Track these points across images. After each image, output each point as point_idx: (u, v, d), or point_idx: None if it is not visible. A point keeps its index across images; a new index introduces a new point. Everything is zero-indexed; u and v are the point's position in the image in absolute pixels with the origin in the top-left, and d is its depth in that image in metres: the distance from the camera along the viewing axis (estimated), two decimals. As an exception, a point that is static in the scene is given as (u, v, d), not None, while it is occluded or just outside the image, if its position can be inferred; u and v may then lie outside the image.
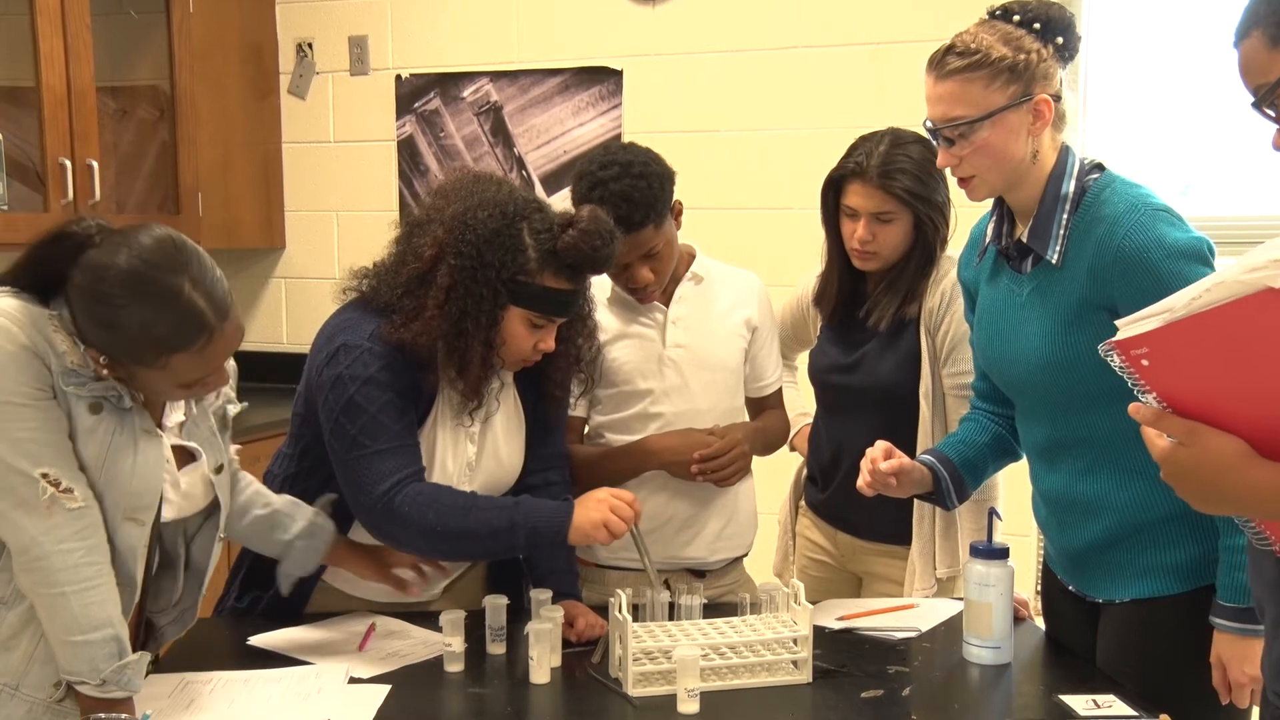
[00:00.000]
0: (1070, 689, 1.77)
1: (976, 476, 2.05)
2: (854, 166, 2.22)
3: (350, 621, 2.07)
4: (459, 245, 1.86)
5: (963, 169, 1.79)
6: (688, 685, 1.71)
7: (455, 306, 1.86)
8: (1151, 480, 1.72)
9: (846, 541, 2.41)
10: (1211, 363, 1.06)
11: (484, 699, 1.78)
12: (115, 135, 3.72)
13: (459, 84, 3.96)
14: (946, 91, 1.75)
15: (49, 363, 1.53)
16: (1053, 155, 1.80)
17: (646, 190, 2.07)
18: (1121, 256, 1.70)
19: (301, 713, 1.69)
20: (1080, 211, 1.77)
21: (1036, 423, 1.89)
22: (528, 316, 1.90)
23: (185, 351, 1.53)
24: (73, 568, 1.53)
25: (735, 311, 2.30)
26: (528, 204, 1.92)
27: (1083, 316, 1.75)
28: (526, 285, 1.88)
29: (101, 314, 1.52)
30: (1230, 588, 1.69)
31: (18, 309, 1.54)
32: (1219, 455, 1.10)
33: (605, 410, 2.27)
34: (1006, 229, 1.88)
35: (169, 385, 1.60)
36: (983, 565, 1.89)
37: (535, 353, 1.95)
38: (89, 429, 1.57)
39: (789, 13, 3.59)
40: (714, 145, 3.69)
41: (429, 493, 1.89)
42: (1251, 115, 1.28)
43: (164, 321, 1.51)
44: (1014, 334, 1.85)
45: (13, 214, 3.16)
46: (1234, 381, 1.06)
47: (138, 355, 1.54)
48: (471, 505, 1.89)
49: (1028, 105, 1.74)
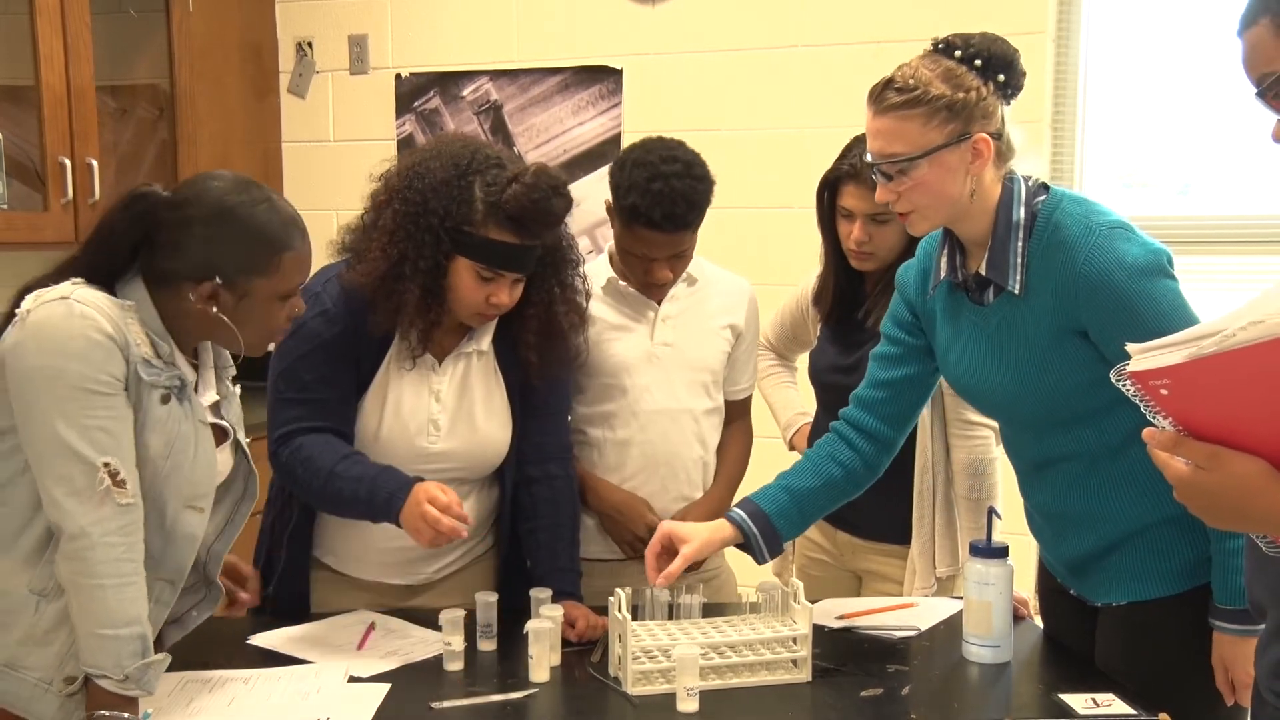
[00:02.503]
0: (1070, 688, 1.77)
1: (795, 526, 2.01)
2: (849, 168, 2.23)
3: (350, 621, 2.07)
4: (406, 192, 1.94)
5: (901, 204, 1.77)
6: (687, 684, 1.71)
7: (396, 249, 1.92)
8: (1140, 488, 1.74)
9: (845, 540, 2.41)
10: (1236, 393, 1.04)
11: (483, 698, 1.77)
12: (115, 134, 3.72)
13: (459, 83, 3.96)
14: (885, 127, 1.73)
15: (128, 354, 1.57)
16: (996, 188, 1.77)
17: (704, 194, 2.14)
18: (1085, 281, 1.69)
19: (301, 712, 1.69)
20: (1035, 236, 1.75)
21: (1022, 444, 1.89)
22: (474, 268, 1.93)
23: (291, 250, 1.66)
24: (114, 561, 1.54)
25: (723, 315, 2.31)
26: (487, 160, 1.95)
27: (1055, 343, 1.74)
28: (471, 235, 1.92)
29: (219, 229, 1.62)
30: (1226, 591, 1.69)
31: (101, 299, 1.58)
32: (1243, 479, 1.08)
33: (587, 401, 2.29)
34: (960, 261, 1.85)
35: (273, 297, 1.67)
36: (982, 564, 1.89)
37: (489, 306, 1.97)
38: (159, 419, 1.61)
39: (789, 11, 3.59)
40: (714, 144, 3.63)
41: (309, 448, 1.95)
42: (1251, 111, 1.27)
43: (274, 221, 1.65)
44: (988, 367, 1.83)
45: (12, 213, 3.16)
46: (1258, 409, 1.05)
47: (255, 260, 1.64)
48: (333, 472, 1.93)
49: (966, 144, 1.72)
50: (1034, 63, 3.32)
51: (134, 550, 1.58)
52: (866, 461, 2.00)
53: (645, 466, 2.26)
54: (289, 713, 1.69)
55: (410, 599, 2.17)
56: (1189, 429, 1.11)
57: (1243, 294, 3.21)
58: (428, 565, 2.14)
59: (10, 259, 1.64)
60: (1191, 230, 3.33)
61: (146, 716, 1.55)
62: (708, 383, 2.30)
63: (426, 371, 2.05)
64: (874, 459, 2.01)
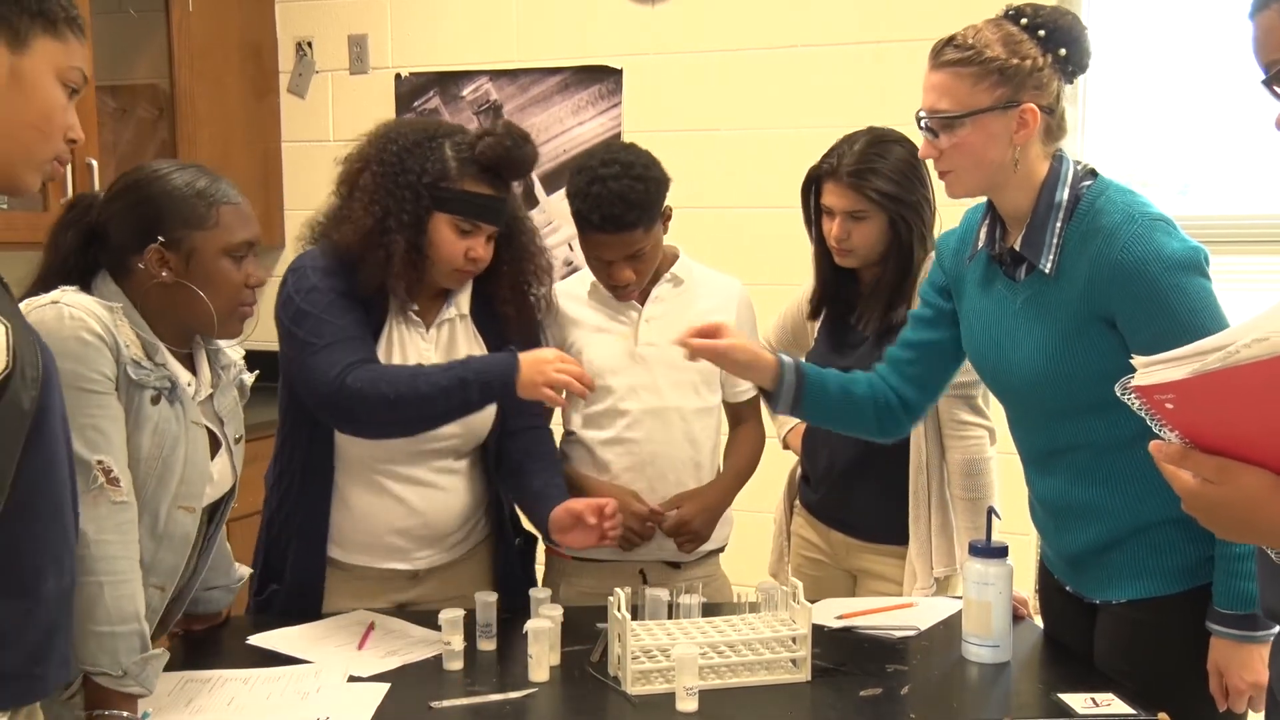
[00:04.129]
0: (1069, 687, 1.77)
1: (821, 409, 2.01)
2: (827, 166, 2.27)
3: (350, 621, 2.07)
4: (381, 155, 2.04)
5: (942, 163, 1.79)
6: (686, 683, 1.71)
7: (379, 206, 2.00)
8: (1147, 484, 1.73)
9: (840, 540, 2.42)
10: (1242, 408, 1.03)
11: (483, 697, 1.77)
12: (115, 134, 3.72)
13: (458, 83, 3.96)
14: (937, 82, 1.75)
15: (118, 355, 1.59)
16: (1043, 165, 1.78)
17: (643, 194, 2.12)
18: (1120, 269, 1.68)
19: (301, 711, 1.70)
20: (1075, 220, 1.75)
21: (1031, 430, 1.89)
22: (453, 221, 2.02)
23: (227, 201, 1.71)
24: (110, 559, 1.55)
25: (711, 315, 2.29)
26: (450, 127, 2.09)
27: (1080, 328, 1.74)
28: (448, 190, 2.01)
29: (151, 190, 1.68)
30: (1228, 595, 1.69)
31: (90, 301, 1.60)
32: (1252, 491, 1.07)
33: (575, 403, 2.30)
34: (999, 234, 1.86)
35: (220, 255, 1.70)
36: (982, 564, 1.89)
37: (468, 261, 2.04)
38: (149, 420, 1.63)
39: (789, 11, 3.59)
40: (714, 144, 3.68)
41: (378, 369, 1.98)
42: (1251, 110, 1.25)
43: (203, 178, 1.71)
44: (1010, 344, 1.84)
45: (12, 213, 3.16)
46: (1264, 424, 1.04)
47: (191, 213, 1.68)
48: (419, 371, 1.97)
49: (1013, 112, 1.72)
50: (1034, 63, 3.32)
51: (130, 548, 1.58)
52: (892, 411, 2.01)
53: (632, 466, 2.27)
54: (289, 712, 1.69)
55: (414, 588, 2.18)
56: (1195, 442, 1.10)
57: (1242, 294, 3.20)
58: (435, 545, 2.16)
59: (10, 259, 1.64)
60: (1191, 230, 3.26)
61: (146, 716, 1.55)
62: (696, 382, 2.30)
63: (416, 338, 2.10)
64: (898, 414, 2.01)
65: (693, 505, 2.24)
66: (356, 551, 2.15)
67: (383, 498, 2.11)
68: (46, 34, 1.30)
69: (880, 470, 2.32)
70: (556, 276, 2.33)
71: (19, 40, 1.28)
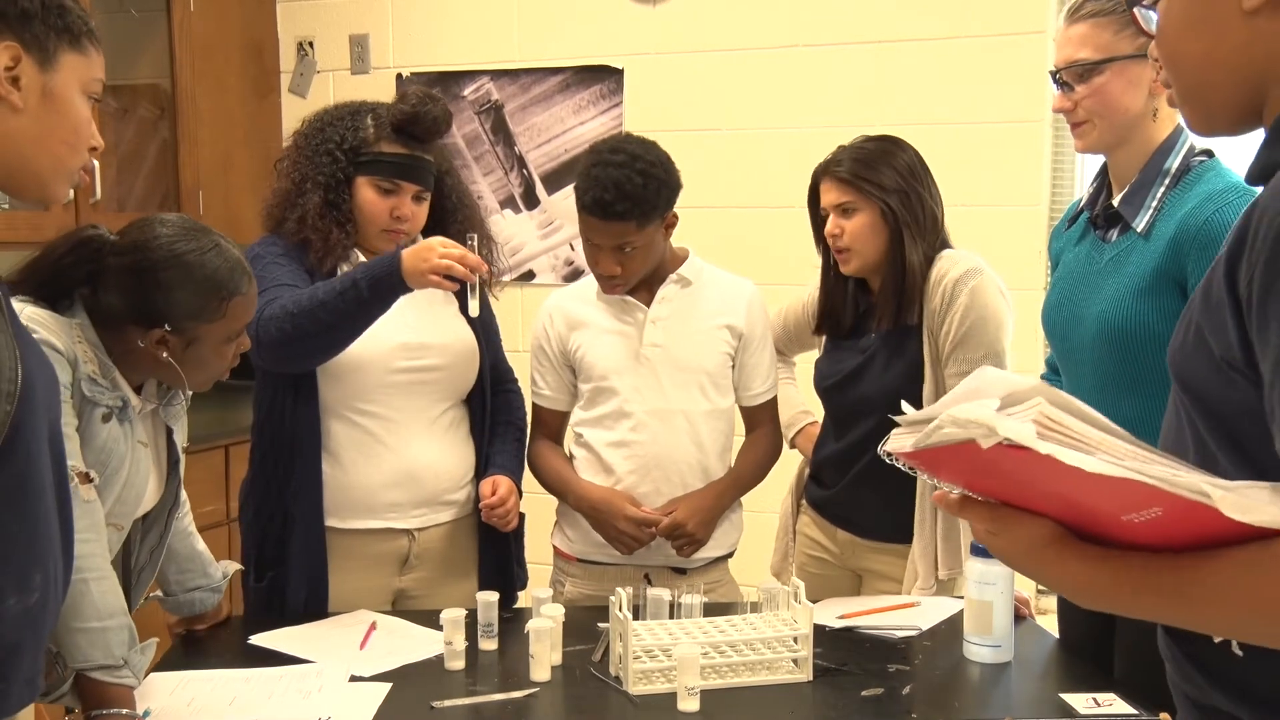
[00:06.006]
0: (1071, 687, 1.77)
1: None
2: (820, 167, 2.28)
3: (351, 620, 2.07)
4: (308, 131, 2.21)
5: (1076, 114, 1.82)
6: (688, 683, 1.71)
7: (298, 171, 2.16)
8: None
9: (846, 539, 2.41)
10: (978, 473, 0.99)
11: (484, 697, 1.78)
12: (116, 134, 3.72)
13: (460, 82, 3.96)
14: (1075, 34, 1.78)
15: (75, 368, 1.59)
16: (1167, 128, 1.81)
17: (639, 188, 2.10)
18: (1205, 232, 1.69)
19: (302, 710, 1.70)
20: (1178, 189, 1.78)
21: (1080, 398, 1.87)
22: (374, 182, 2.15)
23: (240, 295, 1.71)
24: (90, 556, 1.55)
25: (719, 316, 2.30)
26: (375, 104, 2.23)
27: (1153, 287, 1.75)
28: (365, 153, 2.15)
29: (167, 278, 1.65)
30: None
31: (47, 316, 1.60)
32: (1028, 543, 1.00)
33: (584, 405, 2.31)
34: (1104, 197, 1.89)
35: (221, 340, 1.73)
36: (983, 564, 1.89)
37: (395, 220, 2.16)
38: (96, 435, 1.62)
39: (790, 11, 3.59)
40: (715, 144, 3.69)
41: (287, 293, 2.06)
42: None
43: (222, 268, 1.70)
44: (1084, 298, 1.86)
45: (14, 213, 3.17)
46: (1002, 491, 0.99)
47: (203, 307, 1.68)
48: (318, 284, 2.05)
49: (1153, 61, 1.71)
50: (1034, 63, 3.33)
51: (103, 546, 1.61)
52: None
53: (638, 468, 2.26)
54: (290, 712, 1.69)
55: (410, 573, 2.21)
56: (974, 491, 1.03)
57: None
58: (428, 504, 2.20)
59: (11, 259, 1.64)
60: None
61: (147, 715, 1.55)
62: (703, 384, 2.28)
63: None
64: None
65: (686, 508, 2.23)
66: (353, 516, 2.16)
67: (374, 450, 2.15)
68: (72, 49, 1.31)
69: (891, 470, 2.29)
70: (557, 277, 2.33)
71: (48, 59, 1.28)
